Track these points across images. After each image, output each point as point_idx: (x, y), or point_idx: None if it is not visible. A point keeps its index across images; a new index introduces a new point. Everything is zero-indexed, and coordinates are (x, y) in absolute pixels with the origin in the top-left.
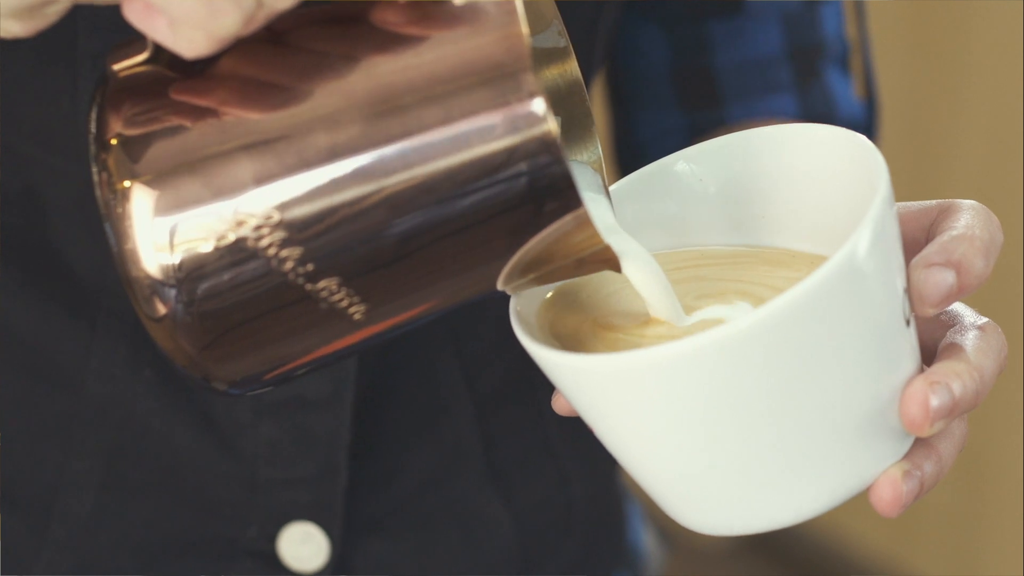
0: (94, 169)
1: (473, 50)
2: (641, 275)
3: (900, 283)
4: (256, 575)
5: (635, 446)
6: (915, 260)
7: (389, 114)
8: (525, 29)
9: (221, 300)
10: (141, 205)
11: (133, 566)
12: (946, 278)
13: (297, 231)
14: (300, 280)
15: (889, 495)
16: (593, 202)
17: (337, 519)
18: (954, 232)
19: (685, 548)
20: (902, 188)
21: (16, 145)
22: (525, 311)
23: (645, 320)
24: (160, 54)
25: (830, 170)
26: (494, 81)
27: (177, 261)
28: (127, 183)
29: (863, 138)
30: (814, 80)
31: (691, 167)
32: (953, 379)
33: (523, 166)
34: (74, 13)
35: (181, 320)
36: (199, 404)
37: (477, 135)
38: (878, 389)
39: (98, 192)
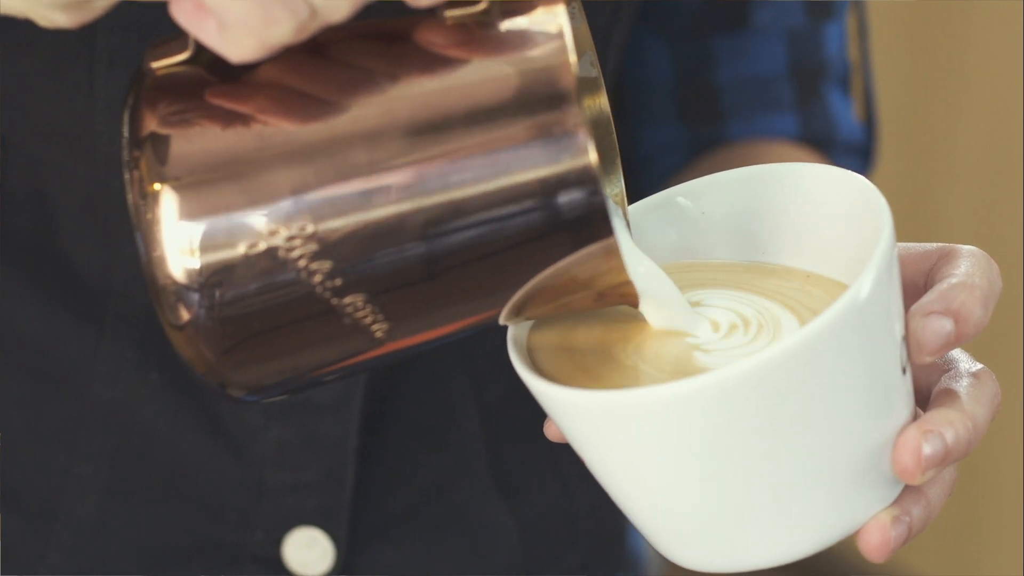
0: (125, 170)
1: (519, 76)
2: (658, 315)
3: (899, 330)
4: None
5: (624, 481)
6: (914, 307)
7: (430, 135)
8: (574, 59)
9: (246, 307)
10: (171, 209)
11: (138, 570)
12: (944, 326)
13: (329, 245)
14: (327, 294)
15: (877, 540)
16: (621, 236)
17: (343, 525)
18: (953, 280)
19: None
20: (898, 198)
21: (27, 145)
22: (518, 332)
23: (637, 342)
24: (200, 55)
25: (833, 210)
26: (539, 110)
27: (205, 266)
28: (157, 186)
29: (867, 181)
30: (815, 100)
31: (693, 201)
32: (946, 428)
33: (562, 196)
34: None
35: (204, 325)
36: (206, 408)
37: (518, 163)
38: (872, 436)
39: (129, 197)
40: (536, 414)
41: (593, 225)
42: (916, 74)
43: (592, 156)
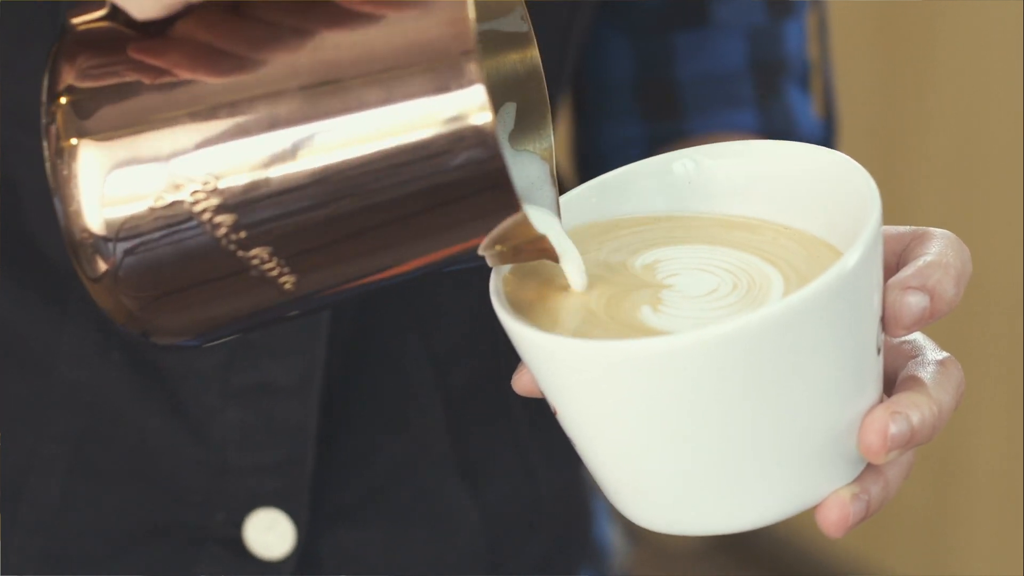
0: (43, 122)
1: (420, 32)
2: (573, 271)
3: (879, 309)
4: (223, 562)
5: (598, 433)
6: (891, 282)
7: (330, 90)
8: (472, 14)
9: (156, 259)
10: (84, 163)
11: (102, 551)
12: (920, 302)
13: (232, 199)
14: (232, 247)
15: (836, 515)
16: (535, 193)
17: (303, 507)
18: (929, 258)
19: (651, 546)
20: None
21: None
22: (497, 283)
23: (611, 293)
24: (118, 11)
25: (819, 183)
26: (437, 66)
27: (116, 218)
28: (73, 140)
29: (856, 163)
30: (774, 97)
31: (688, 165)
32: (913, 410)
33: (460, 155)
34: None
35: (119, 277)
36: (168, 389)
37: (415, 119)
38: (843, 412)
39: (47, 154)
40: (499, 399)
41: (494, 183)
42: (882, 70)
43: (489, 114)
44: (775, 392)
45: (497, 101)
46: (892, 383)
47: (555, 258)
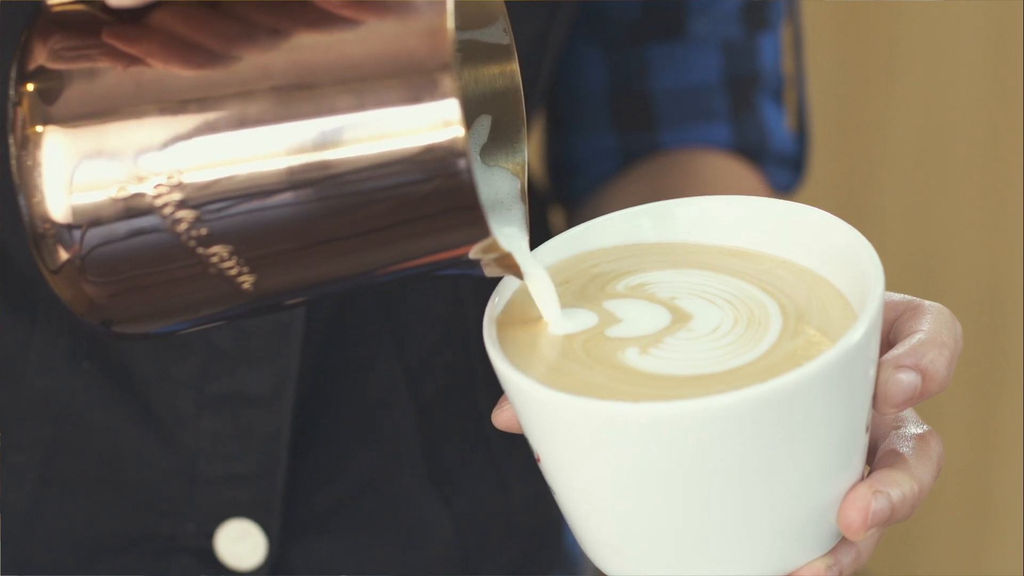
0: (11, 103)
1: (397, 40)
2: (538, 289)
3: (872, 389)
4: (193, 572)
5: (579, 487)
6: (884, 359)
7: (302, 93)
8: (451, 25)
9: (116, 251)
10: (48, 151)
11: (71, 561)
12: (913, 381)
13: (194, 195)
14: (192, 243)
15: None
16: (504, 209)
17: (275, 517)
18: (923, 336)
19: None
20: (831, 191)
21: None
22: (490, 325)
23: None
24: None
25: (825, 249)
26: (412, 77)
27: (78, 208)
28: (39, 128)
29: (860, 235)
30: (748, 110)
31: (687, 218)
32: (894, 488)
33: (429, 168)
34: None
35: (79, 267)
36: (139, 397)
37: (386, 129)
38: (828, 488)
39: (12, 149)
40: (472, 409)
41: (461, 200)
42: (846, 78)
43: (460, 129)
44: (766, 465)
45: (472, 113)
46: (873, 452)
47: (520, 275)
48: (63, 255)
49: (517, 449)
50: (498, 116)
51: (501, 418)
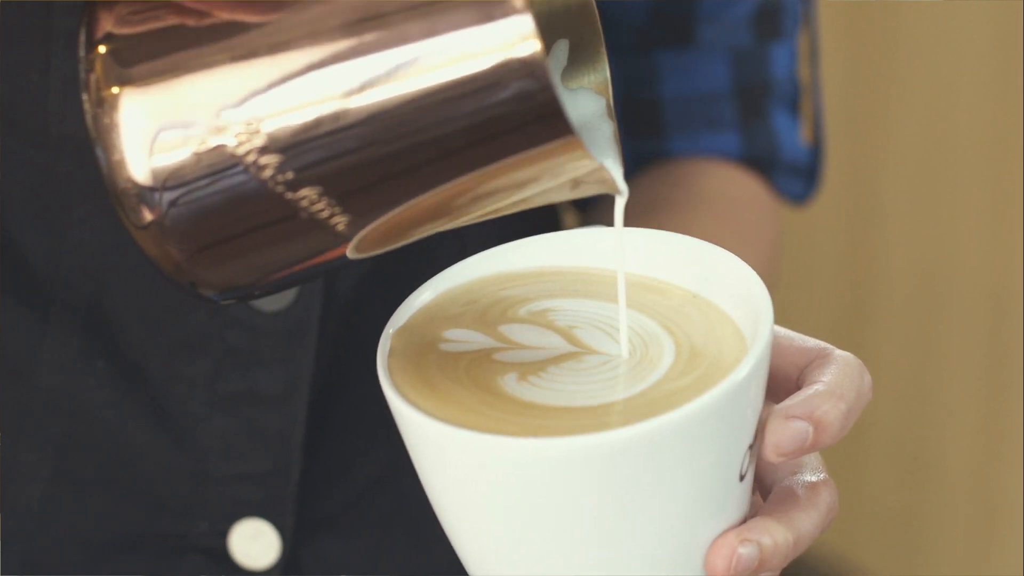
0: (82, 73)
1: None
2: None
3: (748, 439)
4: (206, 571)
5: (435, 503)
6: (777, 408)
7: (372, 25)
8: None
9: (203, 206)
10: (125, 111)
11: (82, 560)
12: (802, 430)
13: (276, 139)
14: (280, 188)
15: None
16: (592, 129)
17: (288, 516)
18: (820, 388)
19: None
20: (836, 197)
21: None
22: (383, 345)
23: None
24: None
25: (732, 295)
26: None
27: (160, 166)
28: (115, 89)
29: (763, 287)
30: (758, 120)
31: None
32: (765, 537)
33: (509, 87)
34: None
35: (165, 226)
36: (152, 396)
37: (461, 52)
38: (696, 533)
39: (86, 106)
40: None
41: (545, 114)
42: (851, 83)
43: (537, 44)
44: (623, 507)
45: (549, 38)
46: (768, 491)
47: (615, 189)
48: (148, 215)
49: None
50: (575, 39)
51: None
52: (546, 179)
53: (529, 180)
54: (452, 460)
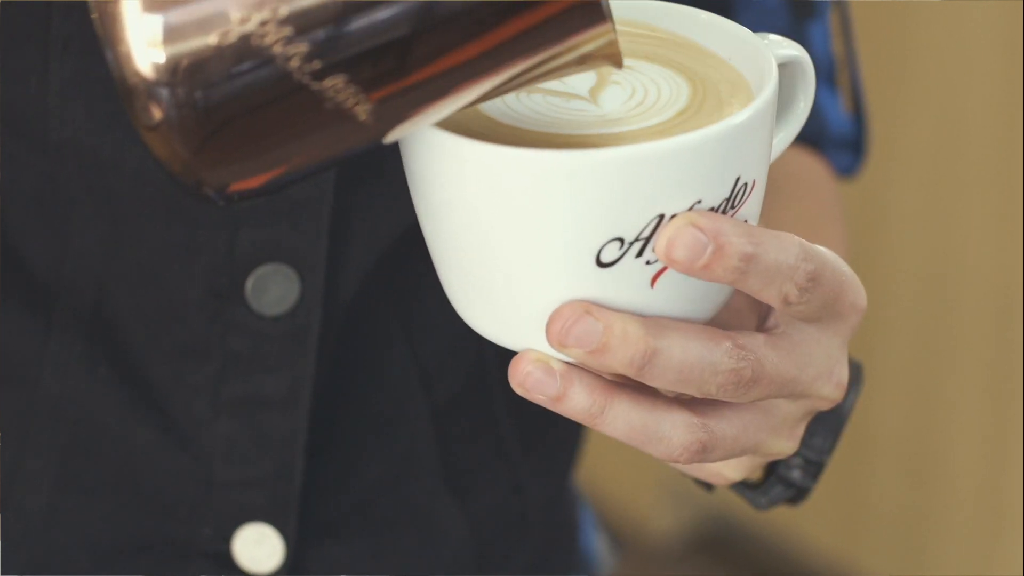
0: None
1: None
2: None
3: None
4: None
5: (444, 227)
6: (686, 212)
7: None
8: None
9: (222, 100)
10: (135, 1)
11: (87, 565)
12: (702, 243)
13: (303, 27)
14: (306, 78)
15: (519, 369)
16: None
17: (292, 521)
18: (767, 233)
19: (636, 552)
20: (843, 194)
21: None
22: None
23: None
24: None
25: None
26: None
27: (176, 59)
28: None
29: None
30: None
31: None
32: (617, 323)
33: None
34: None
35: (178, 122)
36: (155, 401)
37: None
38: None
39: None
40: (487, 411)
41: None
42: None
43: None
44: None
45: None
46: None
47: (620, 63)
48: (158, 113)
49: (532, 450)
50: None
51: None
52: (566, 54)
53: (549, 55)
54: (439, 167)
